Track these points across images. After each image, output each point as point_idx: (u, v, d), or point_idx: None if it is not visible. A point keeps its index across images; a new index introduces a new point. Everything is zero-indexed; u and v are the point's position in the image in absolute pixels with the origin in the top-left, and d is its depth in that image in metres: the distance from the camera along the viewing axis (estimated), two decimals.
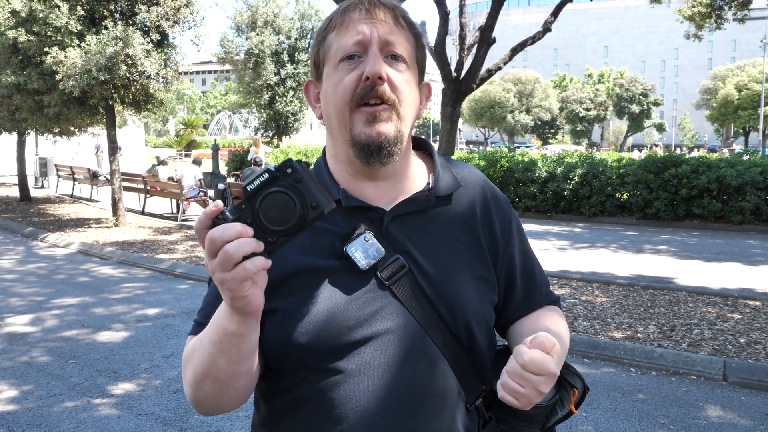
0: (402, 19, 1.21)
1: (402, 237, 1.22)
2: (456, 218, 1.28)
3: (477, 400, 1.24)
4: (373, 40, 1.16)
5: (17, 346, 5.85)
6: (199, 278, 8.65)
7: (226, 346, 1.06)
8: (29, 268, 9.50)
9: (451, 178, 1.32)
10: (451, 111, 9.94)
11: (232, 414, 4.38)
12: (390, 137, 1.17)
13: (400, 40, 1.20)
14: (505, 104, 70.70)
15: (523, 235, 1.40)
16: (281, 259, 1.18)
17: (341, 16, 1.20)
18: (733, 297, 7.34)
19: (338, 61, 1.18)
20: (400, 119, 1.19)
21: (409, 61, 1.22)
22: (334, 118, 1.21)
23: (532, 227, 13.80)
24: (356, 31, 1.17)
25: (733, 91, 63.64)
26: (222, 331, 1.05)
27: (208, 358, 1.09)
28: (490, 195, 1.36)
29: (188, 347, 1.22)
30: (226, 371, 1.10)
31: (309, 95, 1.31)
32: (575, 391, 1.28)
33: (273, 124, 23.79)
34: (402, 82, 1.19)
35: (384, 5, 1.20)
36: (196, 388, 1.16)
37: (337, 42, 1.19)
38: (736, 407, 4.57)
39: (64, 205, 17.19)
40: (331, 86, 1.20)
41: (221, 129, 66.93)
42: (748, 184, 13.20)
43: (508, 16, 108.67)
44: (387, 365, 1.15)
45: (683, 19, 15.97)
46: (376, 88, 1.15)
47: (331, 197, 0.99)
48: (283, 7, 22.57)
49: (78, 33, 11.23)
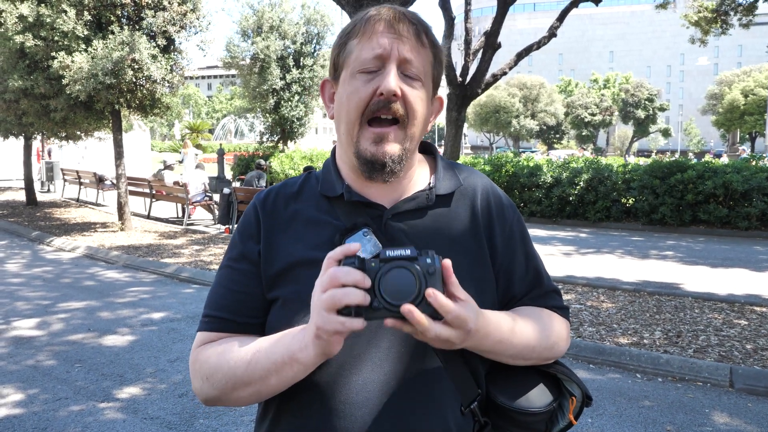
0: (424, 35, 1.22)
1: (401, 234, 1.24)
2: (456, 218, 1.30)
3: (472, 404, 1.23)
4: (392, 56, 1.17)
5: (23, 350, 5.86)
6: (205, 282, 8.66)
7: (286, 370, 1.09)
8: (35, 272, 9.53)
9: (453, 178, 1.34)
10: (456, 116, 9.95)
11: (237, 419, 4.39)
12: (395, 157, 1.20)
13: (419, 58, 1.21)
14: (511, 109, 70.65)
15: (527, 240, 1.39)
16: (284, 251, 1.23)
17: (365, 24, 1.21)
18: (740, 303, 7.31)
19: (356, 71, 1.19)
20: (407, 138, 1.21)
21: (425, 78, 1.23)
22: (344, 126, 1.23)
23: (538, 232, 13.79)
24: (378, 44, 1.18)
25: (739, 96, 63.50)
26: (289, 355, 1.08)
27: (260, 372, 1.12)
28: (493, 197, 1.36)
29: (217, 348, 1.22)
30: (273, 388, 1.14)
31: (324, 93, 1.33)
32: (574, 399, 1.28)
33: (278, 128, 23.80)
34: (416, 99, 1.20)
35: (408, 20, 1.21)
36: (225, 391, 1.18)
37: (357, 51, 1.20)
38: (743, 414, 4.54)
39: (70, 210, 17.25)
40: (346, 94, 1.21)
41: (226, 133, 67.11)
42: (755, 189, 13.14)
43: (513, 21, 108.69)
44: (378, 359, 1.17)
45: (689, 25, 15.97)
46: (389, 103, 1.17)
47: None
48: (289, 12, 22.60)
49: (85, 38, 11.28)
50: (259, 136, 25.10)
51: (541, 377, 1.30)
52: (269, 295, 1.23)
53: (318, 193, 1.30)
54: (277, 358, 1.09)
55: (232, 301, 1.26)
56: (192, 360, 1.25)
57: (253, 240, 1.28)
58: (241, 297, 1.25)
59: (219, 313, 1.26)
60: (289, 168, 19.15)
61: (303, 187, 1.34)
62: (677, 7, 16.29)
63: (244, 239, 1.29)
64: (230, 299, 1.26)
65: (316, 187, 1.32)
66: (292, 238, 1.26)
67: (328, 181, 1.30)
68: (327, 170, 1.33)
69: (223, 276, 1.30)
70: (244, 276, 1.26)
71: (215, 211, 14.43)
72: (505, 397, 1.24)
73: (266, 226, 1.28)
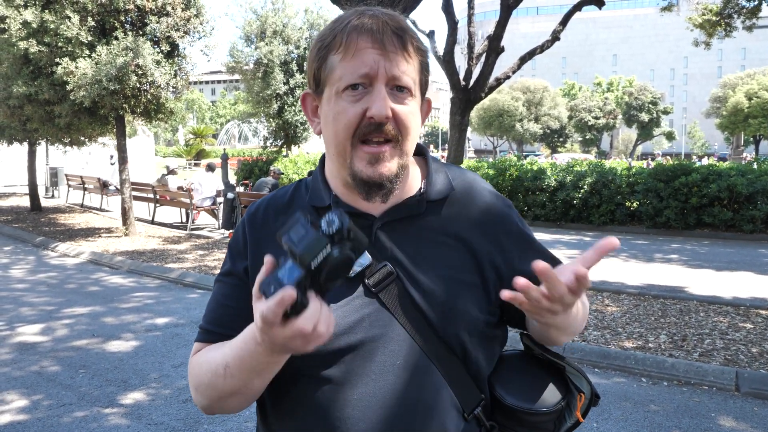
0: (410, 45, 1.16)
1: (390, 244, 1.22)
2: (448, 223, 1.26)
3: (476, 409, 1.22)
4: (380, 75, 1.12)
5: (27, 356, 5.87)
6: (209, 287, 8.66)
7: (263, 370, 1.10)
8: (40, 278, 9.55)
9: (444, 182, 1.29)
10: (460, 120, 9.95)
11: (241, 424, 4.38)
12: (392, 176, 1.17)
13: (408, 69, 1.15)
14: (514, 113, 70.64)
15: (526, 235, 1.33)
16: None
17: (347, 37, 1.14)
18: (745, 306, 7.28)
19: (341, 90, 1.14)
20: (402, 154, 1.18)
21: (414, 87, 1.18)
22: (333, 147, 1.19)
23: (542, 236, 13.76)
24: (362, 62, 1.12)
25: (743, 99, 63.31)
26: (264, 362, 1.07)
27: (240, 381, 1.12)
28: (488, 198, 1.32)
29: (200, 359, 1.24)
30: (258, 388, 1.15)
31: (306, 108, 1.28)
32: (582, 396, 1.26)
33: (282, 133, 23.85)
34: (407, 116, 1.16)
35: (392, 31, 1.14)
36: (218, 402, 1.19)
37: (341, 68, 1.14)
38: (749, 418, 4.52)
39: (74, 215, 17.28)
40: (332, 113, 1.16)
41: (230, 138, 67.22)
42: (759, 192, 13.11)
43: (516, 24, 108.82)
44: (373, 373, 1.15)
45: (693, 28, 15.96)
46: (381, 126, 1.13)
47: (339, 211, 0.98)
48: (292, 17, 22.66)
49: (89, 44, 11.32)
50: (263, 141, 25.15)
51: (549, 374, 1.28)
52: None
53: (307, 203, 1.29)
54: (254, 366, 1.09)
55: (221, 315, 1.27)
56: (188, 370, 1.27)
57: (240, 257, 1.28)
58: (230, 311, 1.26)
59: (209, 326, 1.28)
60: (293, 173, 19.14)
61: (293, 197, 1.32)
62: (681, 10, 16.29)
63: (233, 256, 1.30)
64: (219, 313, 1.28)
65: (305, 198, 1.30)
66: (281, 250, 1.24)
67: (317, 191, 1.28)
68: (315, 180, 1.31)
69: (216, 290, 1.32)
70: (232, 290, 1.27)
71: (219, 216, 14.43)
72: (513, 397, 1.22)
73: (253, 241, 1.28)
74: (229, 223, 13.30)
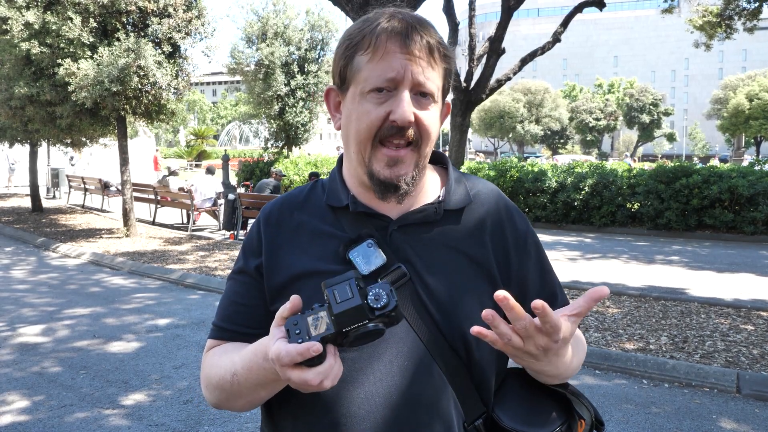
0: (437, 51, 1.18)
1: (406, 246, 1.23)
2: (465, 233, 1.27)
3: (476, 421, 1.21)
4: (405, 80, 1.14)
5: (29, 357, 5.87)
6: (210, 288, 8.67)
7: (269, 384, 1.12)
8: (41, 279, 9.55)
9: (463, 193, 1.30)
10: (461, 121, 9.96)
11: (242, 425, 4.38)
12: (408, 179, 1.19)
13: (432, 76, 1.17)
14: (515, 114, 70.67)
15: (541, 255, 1.35)
16: (287, 263, 1.24)
17: (376, 39, 1.15)
18: (746, 308, 7.27)
19: (366, 91, 1.16)
20: (420, 157, 1.20)
21: (437, 94, 1.20)
22: (354, 146, 1.21)
23: (543, 238, 13.71)
24: (390, 66, 1.13)
25: (744, 100, 63.32)
26: (270, 378, 1.09)
27: (247, 390, 1.15)
28: (505, 212, 1.32)
29: (211, 361, 1.27)
30: (264, 397, 1.18)
31: (329, 102, 1.30)
32: (583, 422, 1.25)
33: (283, 134, 23.84)
34: (429, 121, 1.18)
35: (420, 34, 1.15)
36: (226, 403, 1.23)
37: (367, 70, 1.16)
38: (750, 420, 4.52)
39: (75, 216, 17.29)
40: (356, 113, 1.18)
41: (231, 139, 67.20)
42: (760, 194, 13.10)
43: (517, 26, 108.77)
44: (380, 373, 1.16)
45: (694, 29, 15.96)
46: (403, 130, 1.15)
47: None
48: (294, 18, 22.67)
49: (90, 45, 11.33)
50: (264, 142, 25.14)
51: (550, 399, 1.26)
52: (272, 307, 1.21)
53: (324, 203, 1.30)
54: (261, 380, 1.11)
55: (233, 312, 1.29)
56: (201, 365, 1.30)
57: (254, 255, 1.30)
58: (242, 309, 1.28)
59: (221, 323, 1.30)
60: (294, 174, 19.17)
61: (309, 196, 1.33)
62: (681, 12, 16.29)
63: (246, 255, 1.32)
64: (231, 310, 1.29)
65: (322, 197, 1.31)
66: (297, 249, 1.25)
67: (334, 191, 1.30)
68: (333, 180, 1.32)
69: (228, 287, 1.33)
70: (245, 288, 1.29)
71: (220, 217, 14.43)
72: (511, 420, 1.20)
73: (268, 240, 1.29)
74: (230, 224, 13.30)
